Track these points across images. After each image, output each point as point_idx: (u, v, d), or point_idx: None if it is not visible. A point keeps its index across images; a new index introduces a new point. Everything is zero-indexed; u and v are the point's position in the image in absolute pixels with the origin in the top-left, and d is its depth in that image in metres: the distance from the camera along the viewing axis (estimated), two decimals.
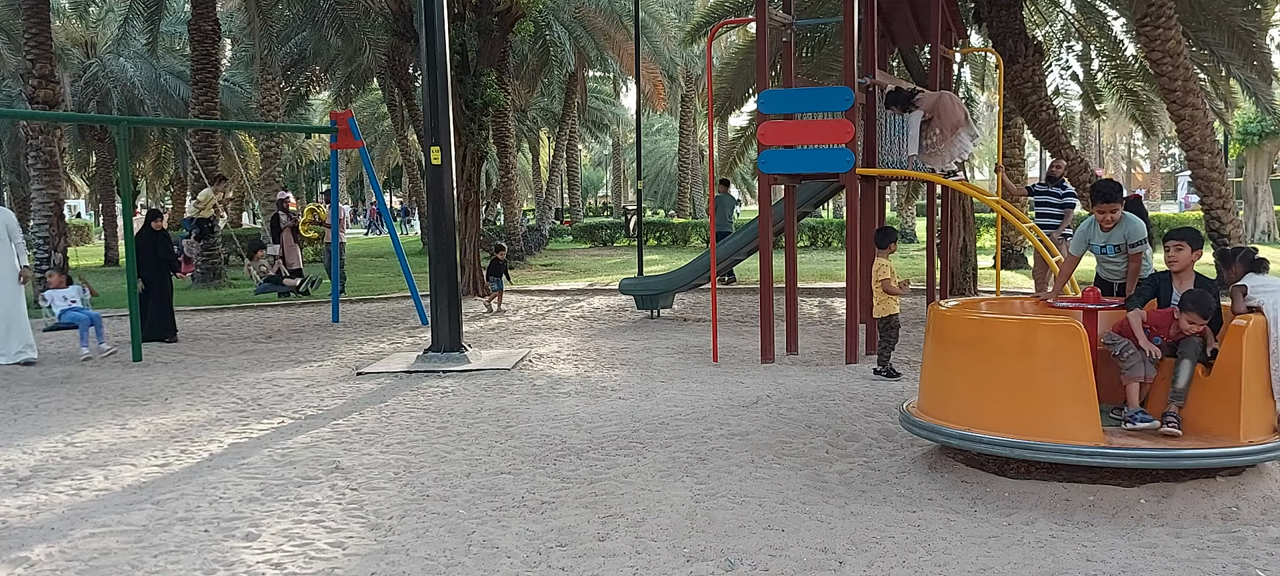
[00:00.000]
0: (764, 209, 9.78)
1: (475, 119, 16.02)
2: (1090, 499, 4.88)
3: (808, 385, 8.17)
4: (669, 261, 21.48)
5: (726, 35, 31.85)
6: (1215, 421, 4.94)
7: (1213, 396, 4.97)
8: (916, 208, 31.78)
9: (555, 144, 39.23)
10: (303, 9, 22.67)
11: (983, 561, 4.22)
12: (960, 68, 19.44)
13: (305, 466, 5.99)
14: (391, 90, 28.03)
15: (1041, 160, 35.68)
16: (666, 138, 59.40)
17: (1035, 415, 4.95)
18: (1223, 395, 4.93)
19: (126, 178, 11.47)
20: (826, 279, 17.54)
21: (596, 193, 76.34)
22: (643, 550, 4.44)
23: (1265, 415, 5.01)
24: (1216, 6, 15.81)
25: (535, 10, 17.96)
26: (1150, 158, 70.13)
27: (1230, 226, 14.58)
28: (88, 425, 7.29)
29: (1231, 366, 4.93)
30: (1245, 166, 29.04)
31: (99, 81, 27.02)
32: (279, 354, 10.65)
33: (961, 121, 10.02)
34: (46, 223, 15.85)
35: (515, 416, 7.26)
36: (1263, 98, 17.88)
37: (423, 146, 10.35)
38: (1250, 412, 4.88)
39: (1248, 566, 4.13)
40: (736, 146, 24.57)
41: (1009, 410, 5.04)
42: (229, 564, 4.40)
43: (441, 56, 9.70)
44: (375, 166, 36.29)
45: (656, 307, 13.10)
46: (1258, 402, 4.94)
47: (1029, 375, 5.03)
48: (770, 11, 9.59)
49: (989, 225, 24.26)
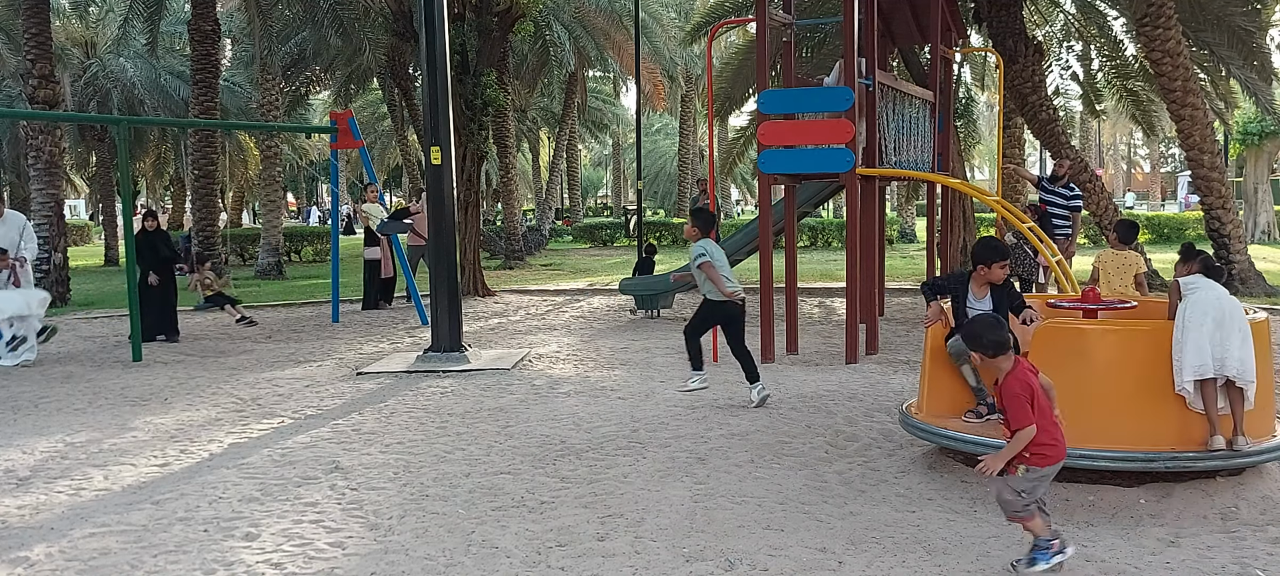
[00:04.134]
0: (764, 209, 9.78)
1: (475, 119, 16.01)
2: (1090, 499, 4.88)
3: (808, 385, 8.17)
4: (669, 261, 21.47)
5: (726, 35, 31.84)
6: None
7: None
8: (916, 208, 31.78)
9: (555, 144, 39.25)
10: (303, 9, 22.64)
11: (982, 561, 4.22)
12: (960, 68, 19.44)
13: (305, 466, 5.99)
14: (391, 90, 28.01)
15: (1042, 160, 35.64)
16: (666, 138, 59.39)
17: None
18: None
19: (126, 178, 11.47)
20: (826, 279, 17.55)
21: (596, 193, 76.32)
22: (642, 550, 4.44)
23: (1266, 416, 5.02)
24: (1216, 6, 15.81)
25: (535, 10, 17.95)
26: (1150, 158, 70.11)
27: (1230, 226, 14.59)
28: (88, 425, 7.29)
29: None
30: (1245, 166, 29.05)
31: (99, 81, 27.02)
32: (279, 354, 10.65)
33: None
34: (46, 222, 15.84)
35: (515, 416, 7.26)
36: (1263, 98, 17.88)
37: (423, 146, 10.35)
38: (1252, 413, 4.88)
39: (1247, 566, 4.13)
40: (736, 146, 24.57)
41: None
42: (229, 564, 4.40)
43: (441, 56, 9.69)
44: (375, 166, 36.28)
45: (656, 308, 13.10)
46: (1260, 404, 4.94)
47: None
48: (770, 11, 9.59)
49: (989, 225, 24.25)
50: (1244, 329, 4.72)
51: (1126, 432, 4.81)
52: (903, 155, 10.34)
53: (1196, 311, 4.75)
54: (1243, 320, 4.75)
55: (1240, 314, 4.78)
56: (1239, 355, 4.66)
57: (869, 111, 9.54)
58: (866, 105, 9.51)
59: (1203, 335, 4.68)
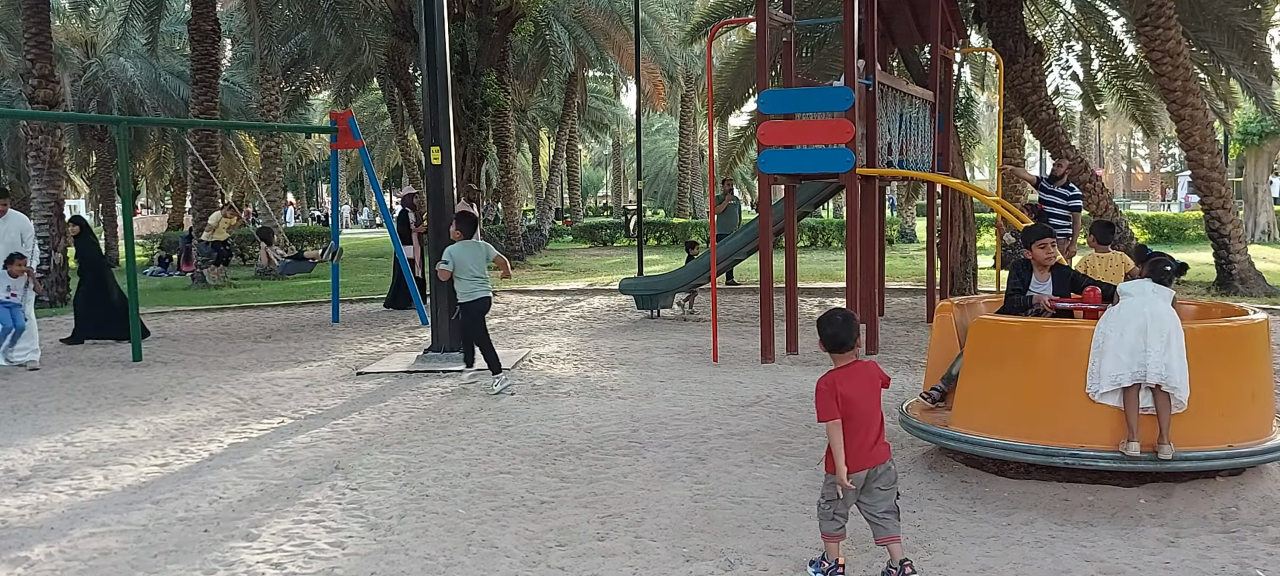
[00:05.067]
0: (764, 209, 9.78)
1: (475, 119, 16.04)
2: (1089, 499, 4.89)
3: (808, 385, 8.15)
4: (669, 261, 21.47)
5: (726, 35, 31.85)
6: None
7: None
8: (916, 208, 31.77)
9: (555, 144, 39.25)
10: (303, 9, 22.65)
11: (983, 561, 4.22)
12: (960, 68, 19.44)
13: (305, 466, 5.99)
14: (391, 90, 28.03)
15: (1042, 160, 35.66)
16: (666, 138, 59.38)
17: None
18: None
19: (126, 178, 11.47)
20: (826, 279, 17.54)
21: (596, 193, 76.32)
22: (642, 550, 4.44)
23: (1266, 416, 5.02)
24: (1216, 6, 15.81)
25: (535, 10, 17.99)
26: (1150, 158, 70.11)
27: (1230, 226, 14.58)
28: (88, 425, 7.29)
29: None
30: (1245, 166, 29.04)
31: (99, 81, 27.03)
32: (279, 354, 10.65)
33: None
34: (46, 223, 15.84)
35: (514, 416, 7.26)
36: (1263, 98, 17.88)
37: (423, 146, 10.35)
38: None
39: (1247, 566, 4.13)
40: (736, 146, 24.57)
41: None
42: (229, 564, 4.40)
43: (441, 56, 9.69)
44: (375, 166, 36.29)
45: (656, 307, 13.10)
46: (1260, 404, 4.94)
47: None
48: (770, 11, 9.59)
49: (989, 225, 24.25)
50: (1167, 334, 4.65)
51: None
52: (903, 155, 10.34)
53: (1116, 320, 4.76)
54: (1168, 325, 4.67)
55: (1165, 319, 4.70)
56: (1161, 360, 4.61)
57: (869, 111, 9.55)
58: (866, 105, 9.51)
59: (1122, 344, 4.68)
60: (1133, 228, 19.77)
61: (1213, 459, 4.79)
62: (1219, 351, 4.95)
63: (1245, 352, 5.02)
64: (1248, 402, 4.97)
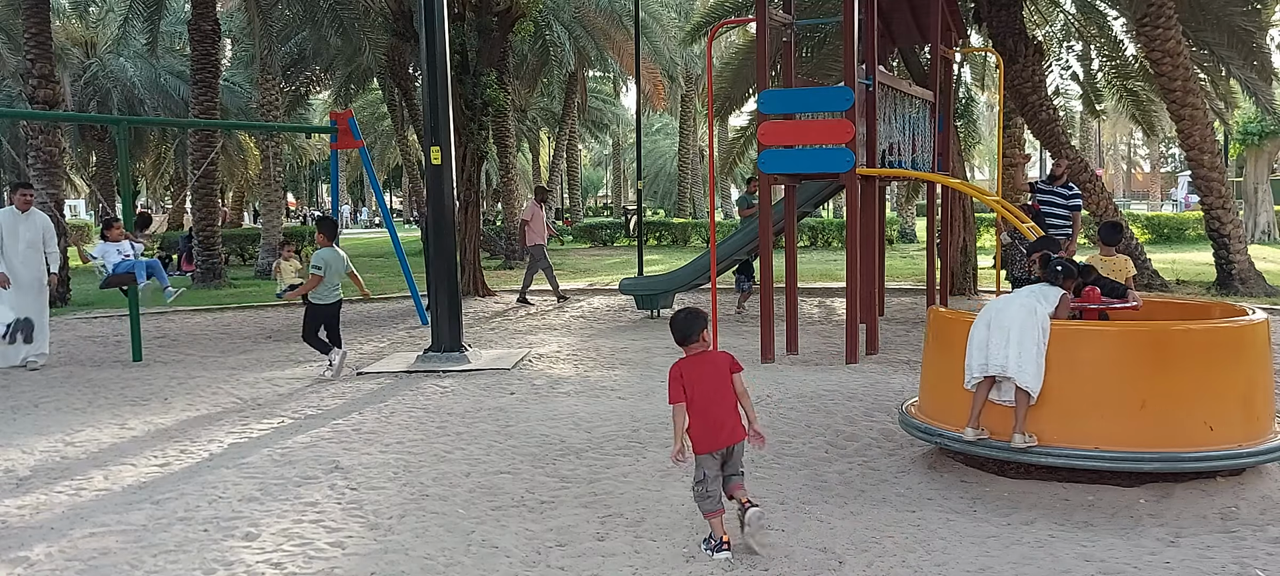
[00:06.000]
0: (764, 209, 9.78)
1: (475, 119, 16.01)
2: (1089, 499, 4.88)
3: (808, 385, 8.16)
4: (669, 261, 21.47)
5: (726, 35, 31.85)
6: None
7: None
8: (916, 208, 31.78)
9: (555, 144, 39.27)
10: (303, 9, 22.65)
11: (982, 561, 4.22)
12: (960, 68, 19.44)
13: (305, 466, 5.99)
14: (391, 90, 28.01)
15: (1042, 160, 35.64)
16: (666, 138, 59.42)
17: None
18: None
19: (126, 178, 11.47)
20: (826, 279, 17.54)
21: (596, 193, 76.34)
22: (641, 550, 4.44)
23: (1266, 416, 5.02)
24: (1216, 6, 15.81)
25: (535, 10, 17.96)
26: (1150, 158, 70.12)
27: (1230, 226, 14.59)
28: (87, 425, 7.29)
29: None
30: (1245, 166, 29.06)
31: (99, 81, 27.03)
32: (279, 354, 10.65)
33: None
34: None
35: (514, 416, 7.26)
36: (1263, 98, 17.89)
37: (423, 146, 10.36)
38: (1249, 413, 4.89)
39: (1247, 566, 4.12)
40: (736, 146, 24.57)
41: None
42: (229, 563, 4.40)
43: (441, 56, 9.69)
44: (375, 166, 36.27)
45: (656, 307, 13.10)
46: (1260, 403, 4.94)
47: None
48: (770, 11, 9.59)
49: (989, 225, 24.25)
50: (1008, 329, 4.88)
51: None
52: (903, 155, 10.33)
53: (980, 318, 5.06)
54: (1016, 322, 4.88)
55: (1014, 316, 4.91)
56: (1003, 354, 4.86)
57: (869, 111, 9.55)
58: (866, 105, 9.51)
59: (974, 340, 5.00)
60: (1132, 228, 19.74)
61: (1213, 459, 4.79)
62: (1219, 351, 4.95)
63: (1245, 353, 5.02)
64: (1247, 402, 4.97)
